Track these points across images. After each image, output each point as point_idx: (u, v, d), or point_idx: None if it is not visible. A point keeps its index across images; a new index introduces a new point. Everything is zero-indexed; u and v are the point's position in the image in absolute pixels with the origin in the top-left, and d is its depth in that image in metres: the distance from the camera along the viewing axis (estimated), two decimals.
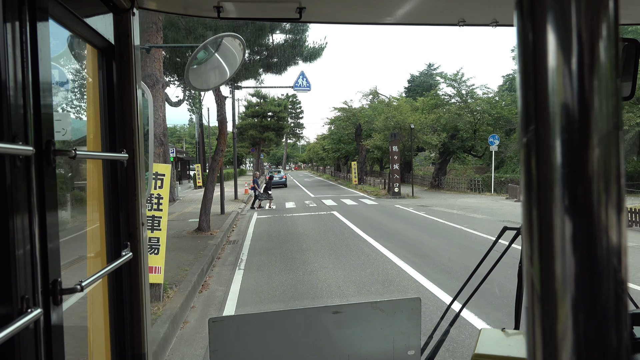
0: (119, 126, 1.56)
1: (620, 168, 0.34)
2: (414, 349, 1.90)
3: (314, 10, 1.79)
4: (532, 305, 0.36)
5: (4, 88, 0.90)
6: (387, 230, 14.33)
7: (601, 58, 0.34)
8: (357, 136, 42.75)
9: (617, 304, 0.34)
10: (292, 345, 1.77)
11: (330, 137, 53.63)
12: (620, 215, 0.34)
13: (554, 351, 0.35)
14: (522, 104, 0.36)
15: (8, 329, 0.82)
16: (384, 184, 35.02)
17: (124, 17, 1.59)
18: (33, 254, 0.97)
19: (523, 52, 0.36)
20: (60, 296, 1.07)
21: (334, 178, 59.83)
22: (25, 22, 0.98)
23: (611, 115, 0.34)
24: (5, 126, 0.90)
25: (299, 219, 17.67)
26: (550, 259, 0.34)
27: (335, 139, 51.62)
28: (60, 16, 1.21)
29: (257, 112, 49.07)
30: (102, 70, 1.52)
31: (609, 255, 0.34)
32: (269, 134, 48.71)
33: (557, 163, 0.34)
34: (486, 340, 1.88)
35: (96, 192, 1.54)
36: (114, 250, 1.54)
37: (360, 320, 1.83)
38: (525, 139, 0.36)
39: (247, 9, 1.82)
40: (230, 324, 1.71)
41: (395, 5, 1.76)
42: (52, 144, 1.05)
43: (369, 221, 16.69)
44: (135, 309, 1.61)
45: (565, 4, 0.34)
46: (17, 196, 0.92)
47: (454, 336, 5.46)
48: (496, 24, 1.93)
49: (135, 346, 1.60)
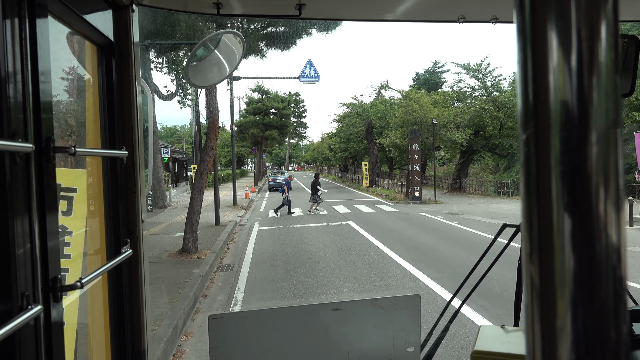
0: (119, 123, 1.58)
1: (619, 165, 0.34)
2: (414, 346, 1.92)
3: (314, 7, 1.81)
4: (531, 302, 0.36)
5: (3, 85, 0.92)
6: (424, 250, 11.33)
7: (601, 55, 0.34)
8: (368, 134, 39.73)
9: (616, 300, 0.34)
10: (292, 342, 1.78)
11: (339, 135, 49.81)
12: (619, 212, 0.34)
13: (553, 348, 0.35)
14: (522, 101, 0.36)
15: (8, 325, 0.83)
16: (400, 187, 32.08)
17: (123, 14, 1.60)
18: (33, 251, 0.98)
19: (522, 49, 0.36)
20: (60, 293, 1.08)
21: (341, 179, 56.99)
22: (25, 19, 0.99)
23: (611, 112, 0.34)
24: (5, 123, 0.91)
25: (309, 232, 14.60)
26: (549, 255, 0.34)
27: (343, 138, 47.93)
28: (60, 13, 1.23)
29: (259, 109, 45.67)
30: (102, 67, 1.54)
31: (608, 252, 0.34)
32: (271, 132, 45.11)
33: (557, 160, 0.34)
34: (485, 337, 1.89)
35: (96, 189, 1.57)
36: (113, 247, 1.55)
37: (359, 318, 1.85)
38: (525, 136, 0.36)
39: (247, 5, 1.87)
40: (230, 321, 1.73)
41: (395, 2, 1.79)
42: (51, 141, 1.06)
43: (395, 235, 13.69)
44: (135, 306, 1.62)
45: (565, 0, 0.34)
46: (17, 193, 0.93)
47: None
48: (496, 21, 1.95)
49: (135, 343, 1.61)
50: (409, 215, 19.13)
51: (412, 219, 17.76)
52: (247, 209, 22.61)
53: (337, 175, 63.80)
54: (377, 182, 38.37)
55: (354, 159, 52.06)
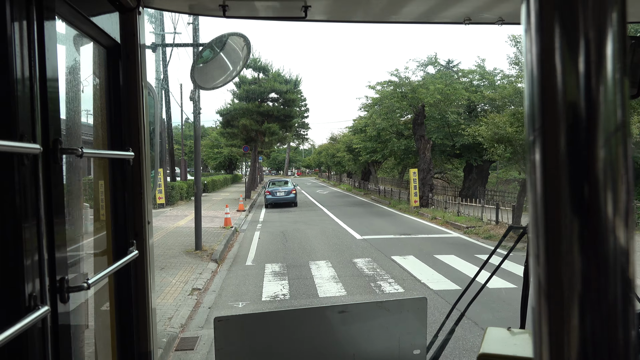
0: (125, 124, 1.59)
1: (628, 166, 0.34)
2: (420, 349, 1.90)
3: (320, 9, 1.82)
4: (538, 304, 0.36)
5: (11, 86, 0.92)
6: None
7: (608, 56, 0.34)
8: (418, 126, 23.84)
9: (625, 303, 0.34)
10: (298, 344, 1.77)
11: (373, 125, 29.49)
12: (628, 214, 0.34)
13: (561, 351, 0.34)
14: (529, 103, 0.36)
15: (16, 326, 0.84)
16: (483, 211, 17.66)
17: (130, 16, 1.61)
18: (40, 252, 0.98)
19: (530, 50, 0.36)
20: (67, 294, 1.09)
21: (362, 191, 38.60)
22: (33, 21, 1.00)
23: (618, 114, 0.34)
24: (13, 125, 0.92)
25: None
26: (557, 258, 0.34)
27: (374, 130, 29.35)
28: (67, 15, 1.24)
29: (254, 92, 30.91)
30: (109, 69, 1.55)
31: (617, 254, 0.34)
32: (270, 125, 30.81)
33: (564, 161, 0.34)
34: (492, 340, 1.86)
35: (102, 190, 1.58)
36: (120, 248, 1.56)
37: (366, 320, 1.84)
38: (532, 138, 0.36)
39: (253, 8, 1.85)
40: (235, 323, 1.72)
41: (401, 4, 1.78)
42: (59, 143, 1.07)
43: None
44: (141, 307, 1.62)
45: (572, 2, 0.34)
46: (25, 194, 0.94)
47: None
48: (502, 23, 1.95)
49: (141, 344, 1.62)
50: None
51: None
52: (220, 260, 10.78)
53: (354, 185, 46.00)
54: (430, 198, 22.61)
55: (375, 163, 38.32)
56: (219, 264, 10.40)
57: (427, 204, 22.39)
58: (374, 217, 20.36)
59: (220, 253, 11.24)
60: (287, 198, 24.43)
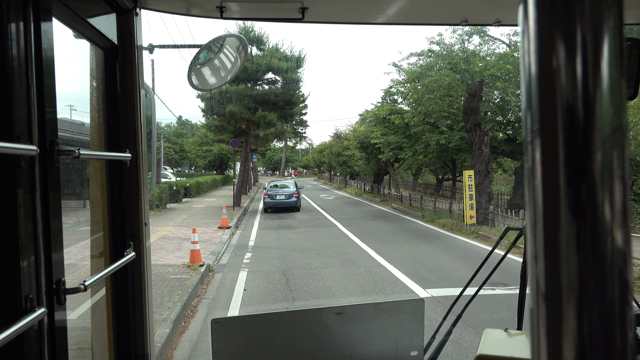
0: (122, 126, 1.58)
1: (625, 168, 0.34)
2: (417, 350, 1.91)
3: (317, 11, 1.81)
4: (536, 305, 0.36)
5: (8, 88, 0.92)
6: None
7: (605, 58, 0.34)
8: (471, 113, 17.27)
9: (622, 304, 0.34)
10: (295, 346, 1.77)
11: (414, 108, 20.98)
12: (625, 215, 0.34)
13: (558, 352, 0.34)
14: (526, 104, 0.36)
15: (13, 328, 0.84)
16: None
17: (127, 17, 1.61)
18: (37, 254, 0.98)
19: (527, 52, 0.36)
20: (64, 296, 1.08)
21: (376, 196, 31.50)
22: (29, 22, 1.00)
23: (616, 115, 0.34)
24: (10, 126, 0.92)
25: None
26: (555, 259, 0.35)
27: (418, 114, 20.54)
28: (64, 16, 1.23)
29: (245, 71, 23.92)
30: (106, 70, 1.55)
31: (614, 255, 0.34)
32: (266, 113, 24.43)
33: (562, 163, 0.34)
34: (489, 341, 1.87)
35: (99, 192, 1.58)
36: (117, 250, 1.56)
37: (363, 321, 1.84)
38: (530, 139, 0.36)
39: (250, 9, 1.86)
40: (233, 324, 1.72)
41: (398, 5, 1.78)
42: (56, 144, 1.07)
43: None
44: (139, 309, 1.62)
45: (569, 3, 0.34)
46: (21, 196, 0.94)
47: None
48: (499, 24, 1.95)
49: (138, 346, 1.61)
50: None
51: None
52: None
53: (363, 189, 37.77)
54: (488, 212, 16.52)
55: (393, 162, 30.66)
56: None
57: (486, 219, 16.24)
58: (415, 240, 13.87)
59: (160, 350, 5.08)
60: (289, 202, 22.14)
